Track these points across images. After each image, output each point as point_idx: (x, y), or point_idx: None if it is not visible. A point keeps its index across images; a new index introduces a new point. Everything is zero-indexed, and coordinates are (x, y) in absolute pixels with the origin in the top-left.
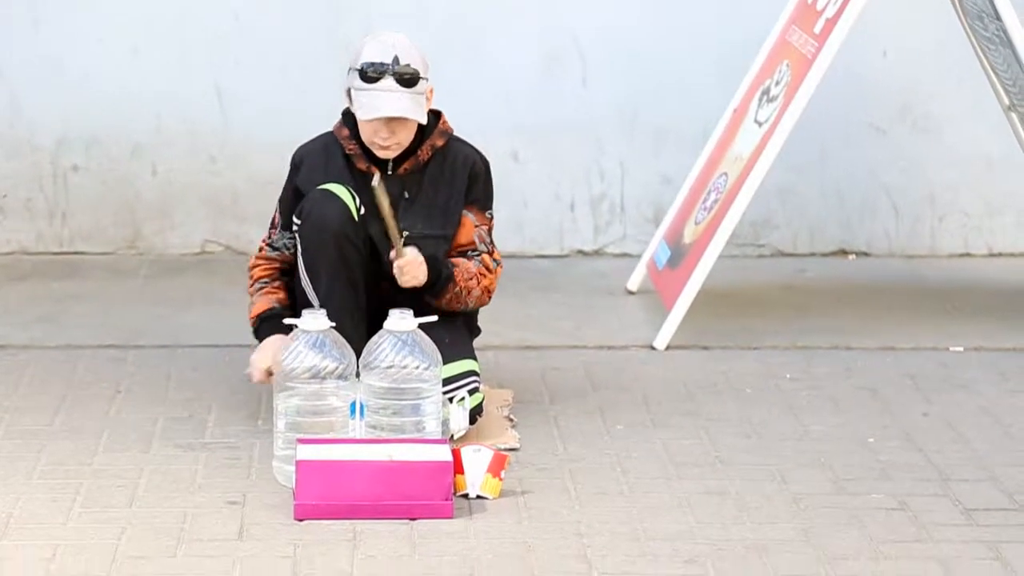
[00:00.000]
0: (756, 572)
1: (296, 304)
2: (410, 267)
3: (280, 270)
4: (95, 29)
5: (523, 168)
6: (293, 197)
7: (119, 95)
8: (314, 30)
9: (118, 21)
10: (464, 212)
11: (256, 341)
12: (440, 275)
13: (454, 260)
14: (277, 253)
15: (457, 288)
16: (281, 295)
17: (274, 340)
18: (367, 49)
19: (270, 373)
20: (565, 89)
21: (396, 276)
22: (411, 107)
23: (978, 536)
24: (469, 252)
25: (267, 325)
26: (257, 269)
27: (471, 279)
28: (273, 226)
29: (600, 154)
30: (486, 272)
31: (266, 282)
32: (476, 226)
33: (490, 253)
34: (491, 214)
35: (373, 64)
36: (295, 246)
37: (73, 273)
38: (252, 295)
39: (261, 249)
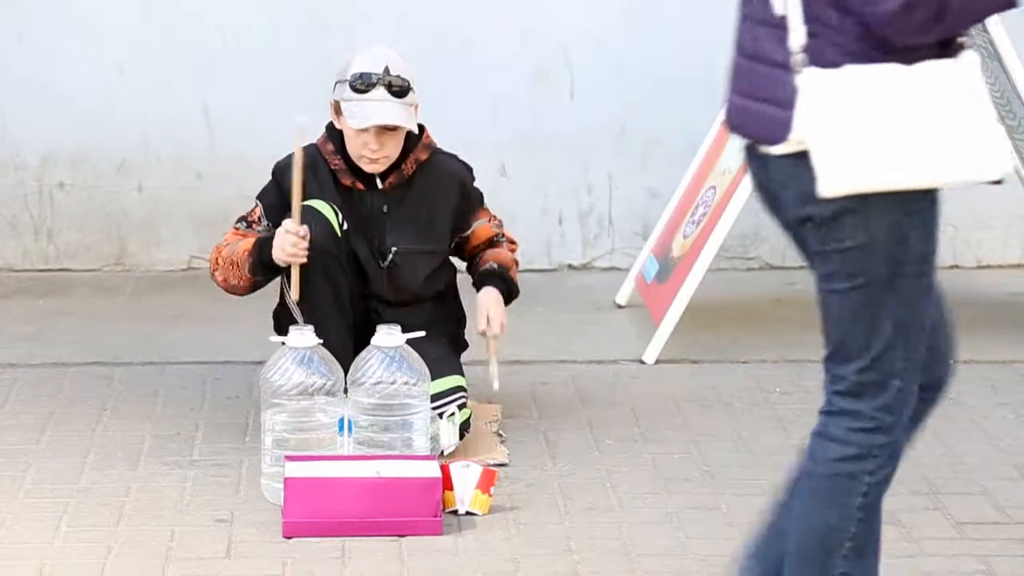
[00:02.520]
0: None
1: (282, 320)
2: (502, 320)
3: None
4: (80, 46)
5: (511, 182)
6: (280, 200)
7: (105, 112)
8: (300, 46)
9: (103, 38)
10: (471, 223)
11: (263, 262)
12: (511, 296)
13: (501, 259)
14: (249, 230)
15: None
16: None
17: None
18: (357, 60)
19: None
20: (553, 103)
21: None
22: (403, 116)
23: (969, 550)
24: (496, 239)
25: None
26: (224, 247)
27: (515, 268)
28: (248, 221)
29: (588, 168)
30: (514, 251)
31: (238, 241)
32: (488, 221)
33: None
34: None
35: (364, 74)
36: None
37: (59, 290)
38: (226, 260)
39: (226, 236)
